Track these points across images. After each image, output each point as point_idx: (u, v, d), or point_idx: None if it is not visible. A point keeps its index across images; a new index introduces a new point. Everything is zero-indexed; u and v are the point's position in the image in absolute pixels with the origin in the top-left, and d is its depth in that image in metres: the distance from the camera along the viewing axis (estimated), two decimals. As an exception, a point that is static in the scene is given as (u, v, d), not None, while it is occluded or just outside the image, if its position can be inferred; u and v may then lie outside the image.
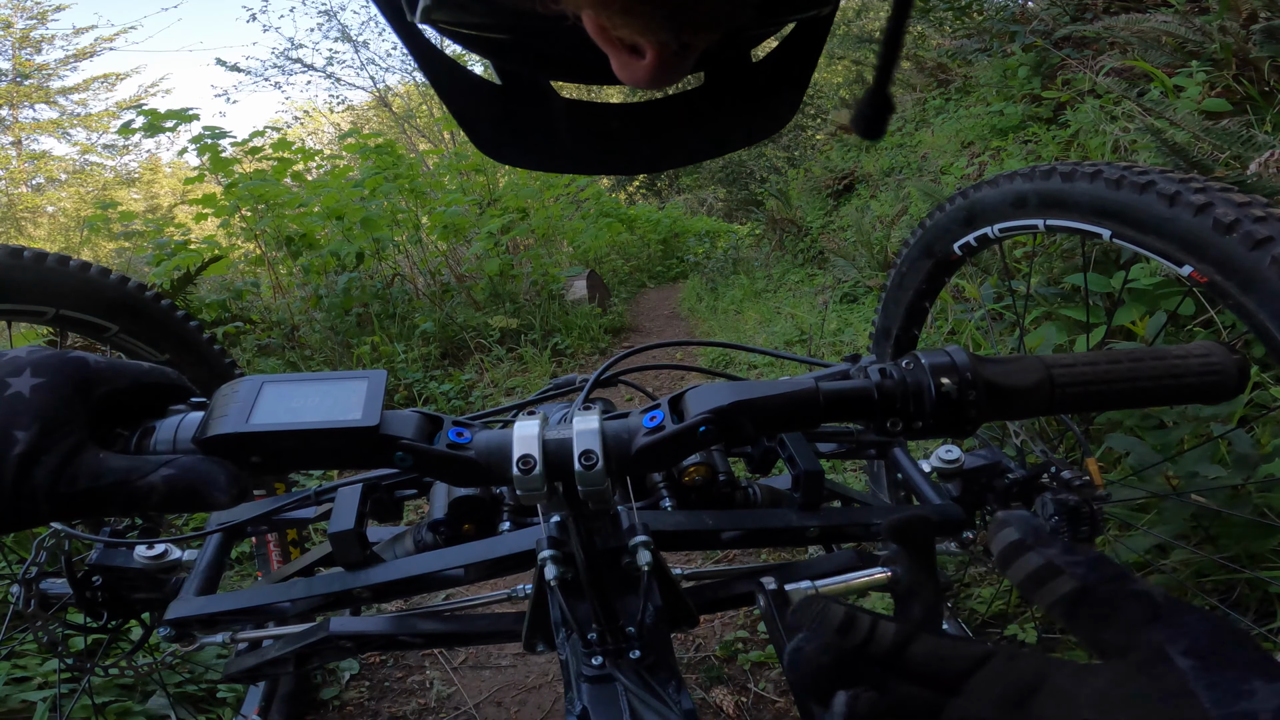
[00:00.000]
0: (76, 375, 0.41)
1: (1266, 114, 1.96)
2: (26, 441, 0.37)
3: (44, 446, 0.38)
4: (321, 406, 0.44)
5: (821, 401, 0.47)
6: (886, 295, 1.19)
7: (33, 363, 0.40)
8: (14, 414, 0.38)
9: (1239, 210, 0.72)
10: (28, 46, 14.33)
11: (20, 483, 0.37)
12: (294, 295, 4.17)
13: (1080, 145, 2.58)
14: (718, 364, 3.28)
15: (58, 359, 0.41)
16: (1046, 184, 0.89)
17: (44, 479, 0.37)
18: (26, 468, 0.37)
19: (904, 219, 3.74)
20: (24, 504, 0.37)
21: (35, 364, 0.40)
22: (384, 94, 13.79)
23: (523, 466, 0.46)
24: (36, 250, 0.97)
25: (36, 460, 0.37)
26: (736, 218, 12.06)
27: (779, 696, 1.28)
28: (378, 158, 4.35)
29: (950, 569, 1.42)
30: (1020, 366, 0.48)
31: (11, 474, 0.37)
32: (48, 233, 15.25)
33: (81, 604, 0.80)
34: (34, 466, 0.37)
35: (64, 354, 0.42)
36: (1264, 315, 0.70)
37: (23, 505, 0.37)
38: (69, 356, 0.42)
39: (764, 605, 0.58)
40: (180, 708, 1.23)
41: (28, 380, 0.39)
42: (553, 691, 1.40)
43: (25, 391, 0.39)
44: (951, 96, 4.56)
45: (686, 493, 0.74)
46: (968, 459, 0.82)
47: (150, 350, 1.13)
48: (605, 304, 5.50)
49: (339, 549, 0.68)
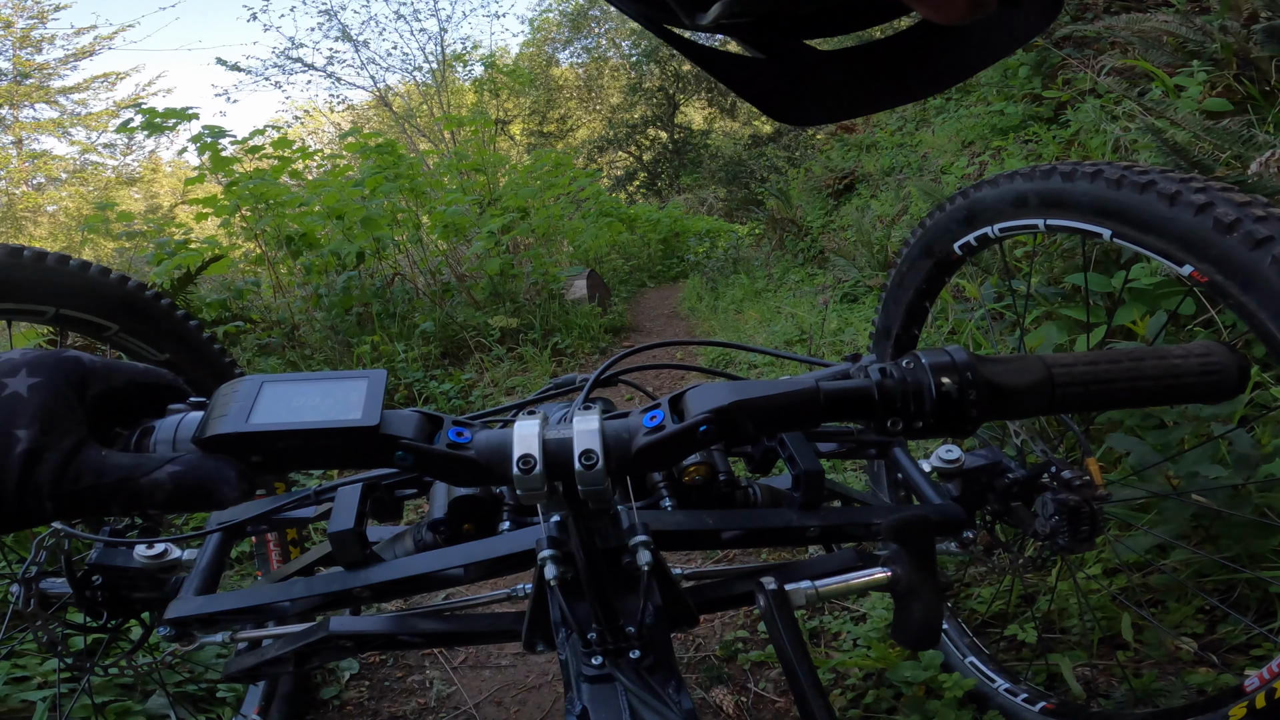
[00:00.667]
0: (73, 374, 0.41)
1: (1268, 114, 1.96)
2: (28, 440, 0.37)
3: (46, 444, 0.38)
4: (322, 406, 0.44)
5: (822, 401, 0.47)
6: (886, 295, 1.19)
7: (28, 363, 0.40)
8: (13, 413, 0.38)
9: (1240, 210, 0.71)
10: (28, 46, 14.33)
11: (24, 481, 0.37)
12: (294, 295, 4.17)
13: (1081, 145, 2.58)
14: (718, 364, 3.28)
15: (53, 358, 0.41)
16: (1047, 183, 0.89)
17: (48, 476, 0.37)
18: (30, 466, 0.37)
19: (904, 218, 3.74)
20: (28, 502, 0.37)
21: (31, 364, 0.40)
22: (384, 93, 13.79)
23: (523, 466, 0.46)
24: (36, 249, 0.97)
25: (39, 458, 0.37)
26: (737, 217, 12.05)
27: (779, 696, 1.28)
28: (378, 157, 4.35)
29: (950, 569, 1.42)
30: (1020, 366, 0.48)
31: (15, 473, 0.37)
32: (48, 231, 15.26)
33: (81, 603, 0.80)
34: (37, 465, 0.37)
35: (59, 353, 0.42)
36: (1265, 315, 0.70)
37: (27, 504, 0.37)
38: (64, 355, 0.42)
39: (764, 605, 0.58)
40: (180, 707, 1.23)
41: (24, 380, 0.39)
42: (553, 691, 1.40)
43: (23, 391, 0.39)
44: (952, 96, 4.55)
45: (686, 492, 0.74)
46: (968, 459, 0.82)
47: (150, 350, 1.13)
48: (605, 303, 5.50)
49: (339, 548, 0.68)
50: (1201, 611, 1.17)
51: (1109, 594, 1.22)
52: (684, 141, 18.79)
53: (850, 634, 1.36)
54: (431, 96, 13.65)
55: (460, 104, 13.77)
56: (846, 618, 1.42)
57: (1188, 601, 1.17)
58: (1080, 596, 1.22)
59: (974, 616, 1.32)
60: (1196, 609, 1.17)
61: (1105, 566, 1.28)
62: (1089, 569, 1.28)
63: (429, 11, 20.98)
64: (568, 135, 19.20)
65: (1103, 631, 1.19)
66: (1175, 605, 1.18)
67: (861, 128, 6.03)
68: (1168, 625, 1.14)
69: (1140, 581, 1.24)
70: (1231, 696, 0.78)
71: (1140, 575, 1.24)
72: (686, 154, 18.41)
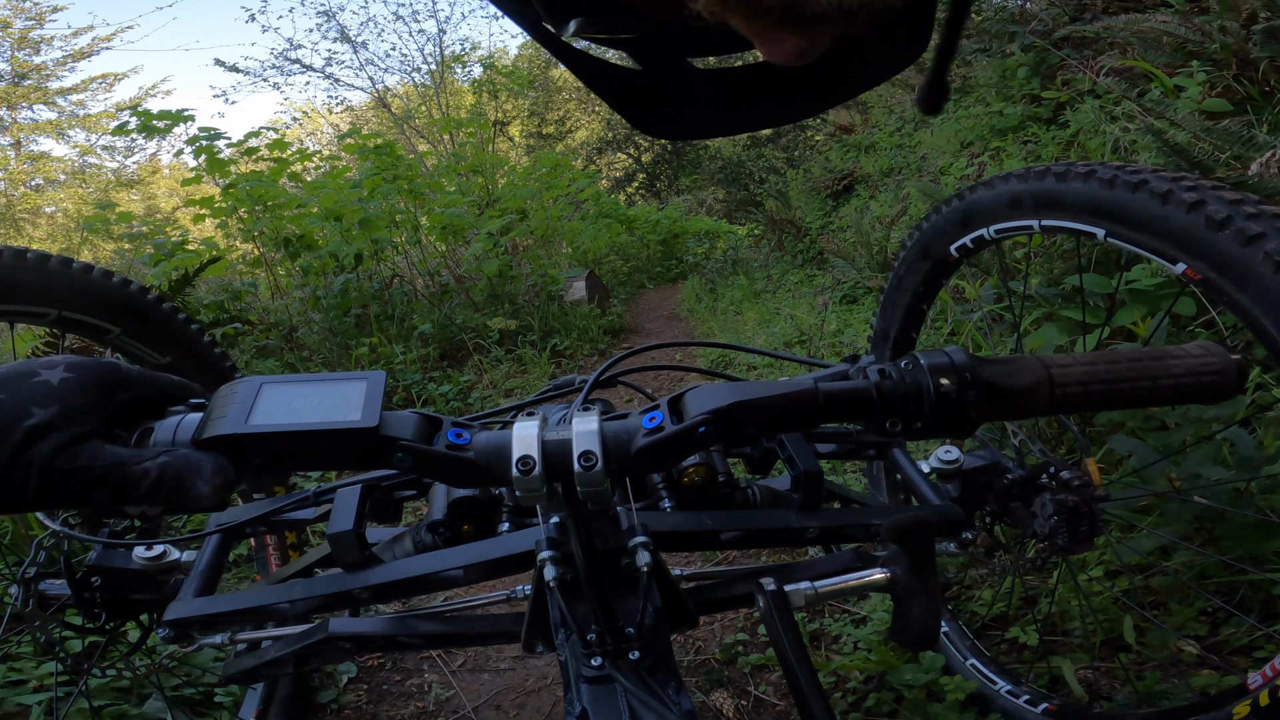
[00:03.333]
0: (107, 376, 0.43)
1: (1267, 114, 1.96)
2: (41, 418, 0.39)
3: (56, 425, 0.39)
4: (321, 408, 0.44)
5: (821, 402, 0.47)
6: (884, 298, 1.19)
7: (68, 362, 0.42)
8: (36, 395, 0.40)
9: (1231, 207, 0.72)
10: (26, 47, 14.33)
11: (18, 454, 0.38)
12: (292, 296, 4.17)
13: (1080, 145, 2.58)
14: (717, 365, 3.28)
15: (94, 360, 0.44)
16: (1041, 184, 0.89)
17: (43, 453, 0.38)
18: (31, 440, 0.38)
19: (904, 219, 3.74)
20: (15, 475, 0.38)
21: (70, 363, 0.42)
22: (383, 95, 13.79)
23: (522, 467, 0.46)
24: (40, 252, 0.97)
25: (44, 435, 0.39)
26: (736, 218, 12.05)
27: (780, 700, 1.28)
28: (376, 158, 4.35)
29: (950, 571, 1.42)
30: (1019, 367, 0.48)
31: (15, 443, 0.38)
32: (47, 233, 15.26)
33: (80, 605, 0.80)
34: (39, 440, 0.38)
35: (99, 359, 0.45)
36: (1259, 311, 0.70)
37: (14, 477, 0.38)
38: (104, 360, 0.44)
39: (763, 606, 0.57)
40: (177, 711, 1.23)
41: (59, 374, 0.42)
42: (552, 695, 1.39)
43: (54, 381, 0.41)
44: (951, 96, 4.56)
45: (686, 493, 0.73)
46: (967, 459, 0.82)
47: (151, 353, 1.13)
48: (604, 305, 5.50)
49: (338, 550, 0.68)
50: (1204, 613, 1.17)
51: (1111, 596, 1.22)
52: (683, 143, 18.79)
53: (851, 637, 1.36)
54: (430, 98, 13.65)
55: (459, 105, 13.77)
56: (847, 620, 1.42)
57: (1190, 603, 1.17)
58: (1082, 598, 1.22)
59: (975, 619, 1.32)
60: (1199, 610, 1.17)
61: (1107, 568, 1.28)
62: (1091, 570, 1.28)
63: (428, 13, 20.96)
64: (566, 137, 19.20)
65: (1105, 633, 1.19)
66: (1178, 607, 1.18)
67: (860, 128, 6.04)
68: (1170, 627, 1.14)
69: (1142, 583, 1.24)
70: (1235, 695, 0.78)
71: (1142, 577, 1.24)
72: (685, 155, 18.43)
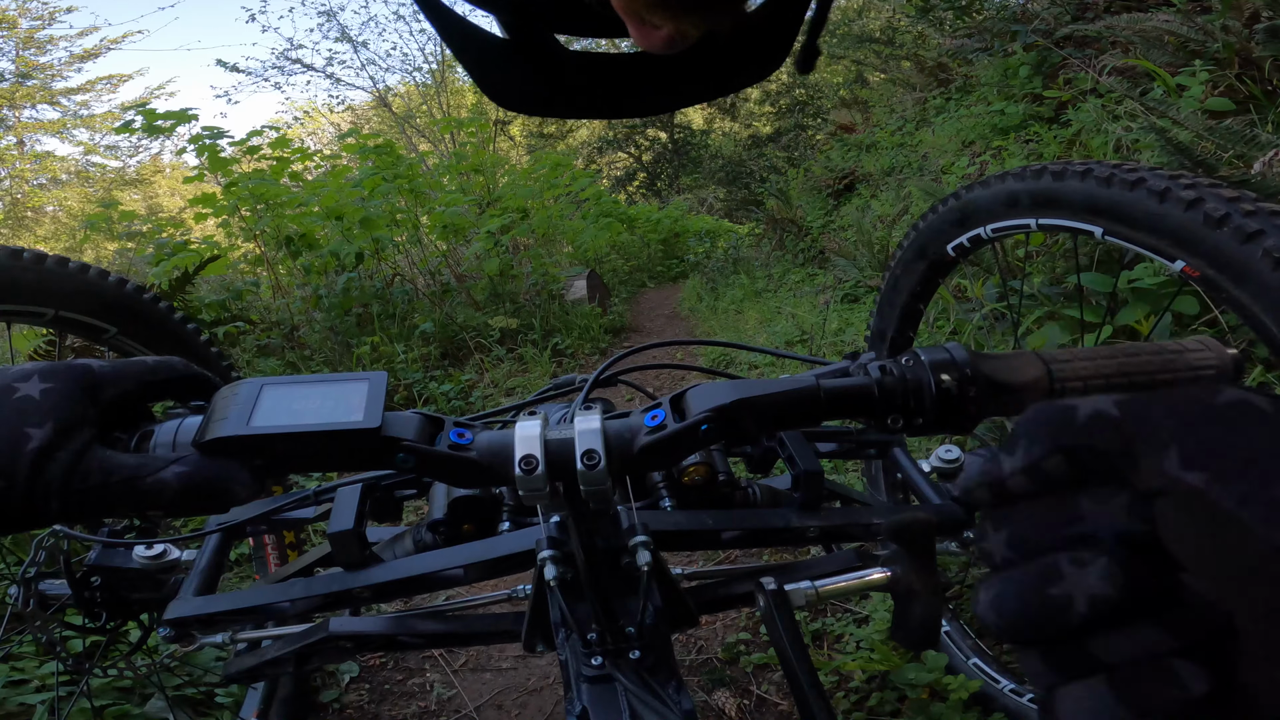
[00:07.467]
0: (84, 379, 0.42)
1: (1270, 113, 1.96)
2: (41, 438, 0.38)
3: (58, 444, 0.38)
4: (322, 408, 0.44)
5: (822, 399, 0.47)
6: (881, 298, 1.19)
7: (39, 370, 0.41)
8: (26, 414, 0.38)
9: (1228, 205, 0.72)
10: (32, 46, 14.33)
11: (34, 479, 0.37)
12: (294, 295, 4.17)
13: (1082, 145, 2.58)
14: (718, 363, 3.27)
15: (63, 365, 0.42)
16: (1038, 183, 0.89)
17: (58, 475, 0.37)
18: (40, 464, 0.37)
19: (905, 218, 3.74)
20: (36, 502, 0.37)
21: (42, 371, 0.41)
22: (384, 94, 13.80)
23: (525, 467, 0.45)
24: (37, 251, 0.97)
25: (51, 457, 0.38)
26: (736, 217, 12.05)
27: (782, 699, 1.28)
28: (377, 158, 4.35)
29: (951, 569, 1.42)
30: (1019, 362, 0.48)
31: (26, 469, 0.37)
32: (50, 232, 15.28)
33: (80, 604, 0.80)
34: (48, 463, 0.37)
35: (68, 361, 0.43)
36: (1257, 307, 0.70)
37: (35, 503, 0.37)
38: (74, 363, 0.42)
39: (764, 605, 0.57)
40: (178, 710, 1.23)
41: (36, 385, 0.40)
42: (553, 694, 1.39)
43: (35, 394, 0.39)
44: (952, 96, 4.56)
45: (686, 493, 0.73)
46: (967, 458, 0.82)
47: (148, 352, 1.13)
48: (605, 304, 5.50)
49: (338, 549, 0.68)
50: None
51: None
52: (683, 142, 18.81)
53: (853, 636, 1.36)
54: (431, 97, 13.66)
55: (460, 104, 13.77)
56: (849, 620, 1.42)
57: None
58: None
59: (977, 619, 1.32)
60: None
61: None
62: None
63: (429, 13, 20.91)
64: (567, 136, 19.19)
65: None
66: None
67: (862, 127, 6.04)
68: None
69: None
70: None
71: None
72: (686, 154, 18.44)
